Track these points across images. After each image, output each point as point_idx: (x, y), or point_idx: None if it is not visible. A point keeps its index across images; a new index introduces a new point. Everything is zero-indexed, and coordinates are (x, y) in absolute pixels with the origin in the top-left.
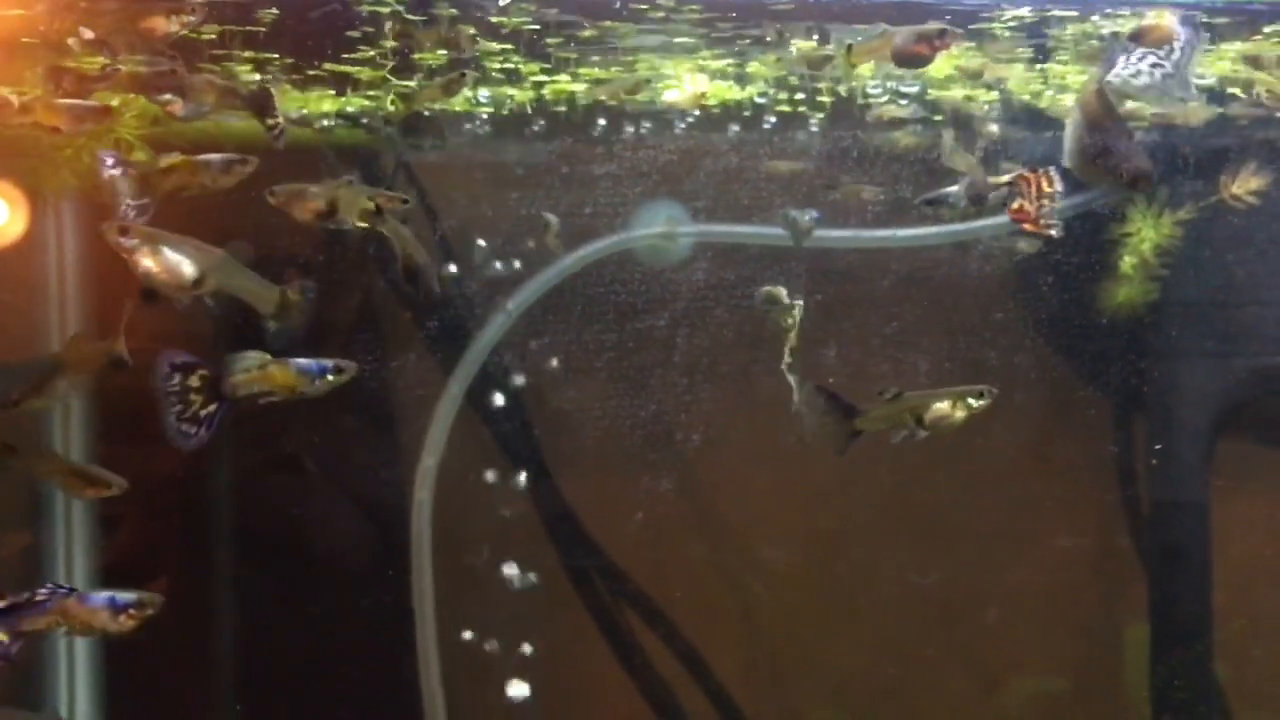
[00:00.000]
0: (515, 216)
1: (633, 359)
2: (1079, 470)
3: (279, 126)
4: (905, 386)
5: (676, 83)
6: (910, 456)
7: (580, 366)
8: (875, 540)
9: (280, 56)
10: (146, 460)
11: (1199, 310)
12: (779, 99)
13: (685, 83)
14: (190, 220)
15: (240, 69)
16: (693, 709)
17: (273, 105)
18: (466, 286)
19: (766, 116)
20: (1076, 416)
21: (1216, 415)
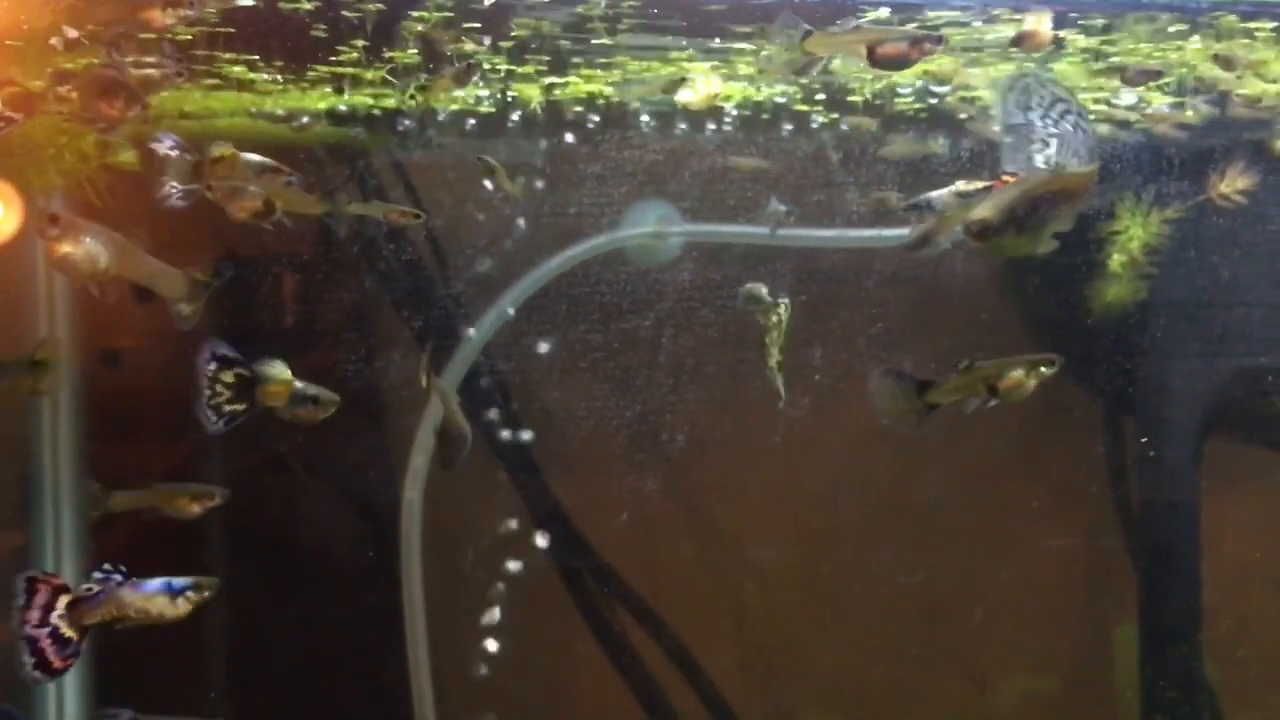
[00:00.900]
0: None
1: (626, 357)
2: (1068, 471)
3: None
4: None
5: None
6: (900, 457)
7: (568, 366)
8: (866, 540)
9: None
10: (137, 459)
11: (1188, 310)
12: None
13: (698, 84)
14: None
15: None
16: (683, 708)
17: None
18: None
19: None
20: (1065, 417)
21: (1205, 415)
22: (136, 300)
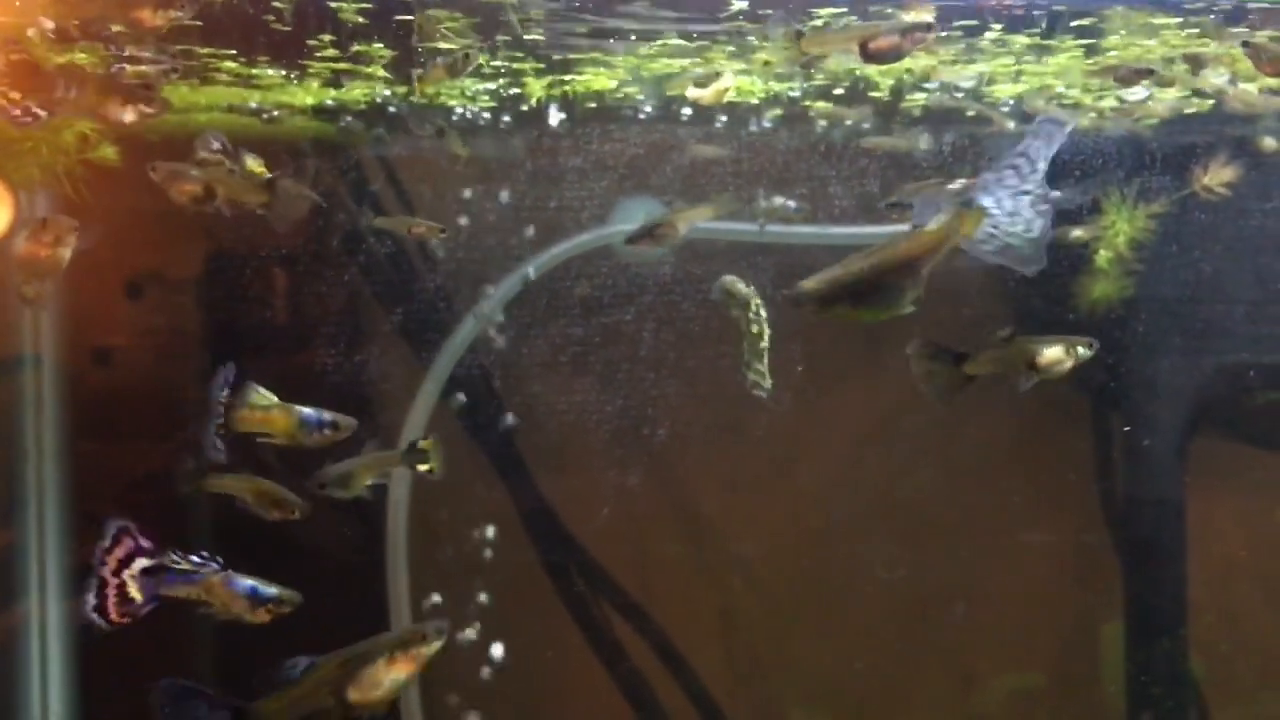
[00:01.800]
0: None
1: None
2: (1054, 467)
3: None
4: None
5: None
6: (887, 455)
7: (551, 361)
8: (854, 538)
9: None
10: (124, 458)
11: (1173, 306)
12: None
13: (723, 80)
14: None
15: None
16: (670, 706)
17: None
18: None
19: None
20: (1051, 413)
21: (1190, 412)
22: (127, 298)
